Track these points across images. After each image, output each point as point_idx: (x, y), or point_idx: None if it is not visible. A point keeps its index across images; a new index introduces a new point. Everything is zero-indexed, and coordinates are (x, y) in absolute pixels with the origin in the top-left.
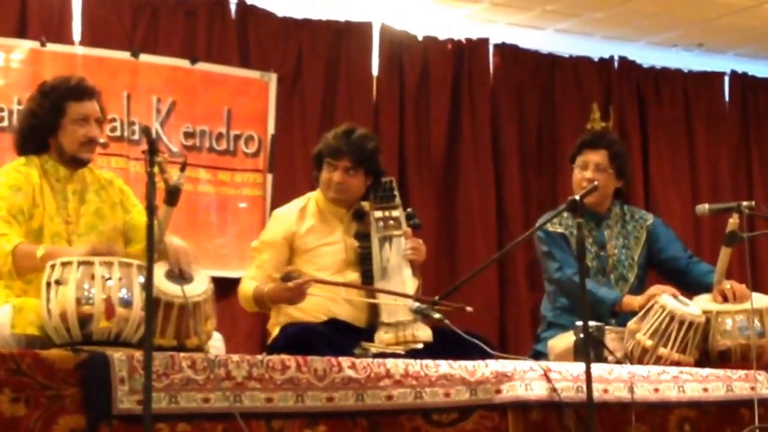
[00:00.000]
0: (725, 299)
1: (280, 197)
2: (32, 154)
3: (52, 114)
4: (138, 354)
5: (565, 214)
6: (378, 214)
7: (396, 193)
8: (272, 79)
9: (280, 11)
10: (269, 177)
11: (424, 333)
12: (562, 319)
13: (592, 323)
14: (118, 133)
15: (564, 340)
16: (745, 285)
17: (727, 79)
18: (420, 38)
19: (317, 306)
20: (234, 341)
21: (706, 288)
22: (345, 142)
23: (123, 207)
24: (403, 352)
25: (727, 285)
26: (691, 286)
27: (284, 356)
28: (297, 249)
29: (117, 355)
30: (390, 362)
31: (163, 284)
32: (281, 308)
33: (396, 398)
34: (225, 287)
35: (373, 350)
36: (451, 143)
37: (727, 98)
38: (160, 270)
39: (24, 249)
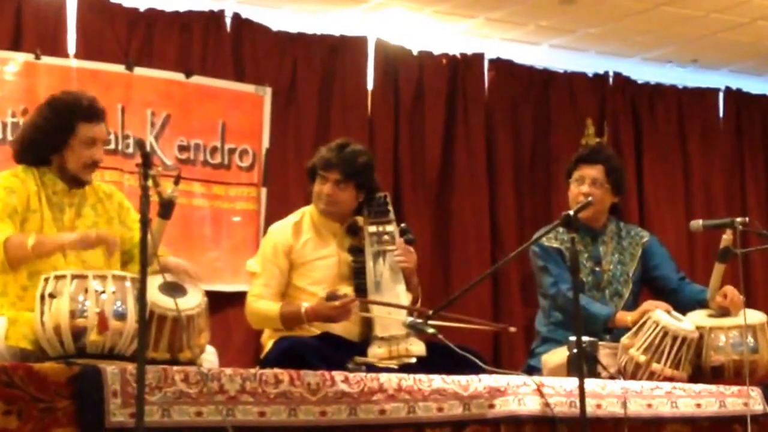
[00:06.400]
0: (723, 309)
1: (275, 211)
2: (31, 165)
3: (61, 132)
4: (131, 367)
5: (561, 229)
6: (372, 229)
7: (390, 208)
8: (267, 93)
9: (275, 25)
10: (263, 191)
11: (417, 347)
12: (556, 334)
13: (585, 338)
14: (112, 146)
15: (558, 355)
16: None
17: (721, 95)
18: (415, 53)
19: None
20: (228, 355)
21: (698, 305)
22: (336, 155)
23: (122, 222)
24: (396, 367)
25: (729, 287)
26: (681, 306)
27: (277, 370)
28: (293, 262)
29: (110, 369)
30: (383, 376)
31: (156, 297)
32: None
33: (389, 413)
34: (219, 301)
35: (367, 364)
36: (446, 158)
37: (721, 114)
38: (153, 283)
39: (15, 240)
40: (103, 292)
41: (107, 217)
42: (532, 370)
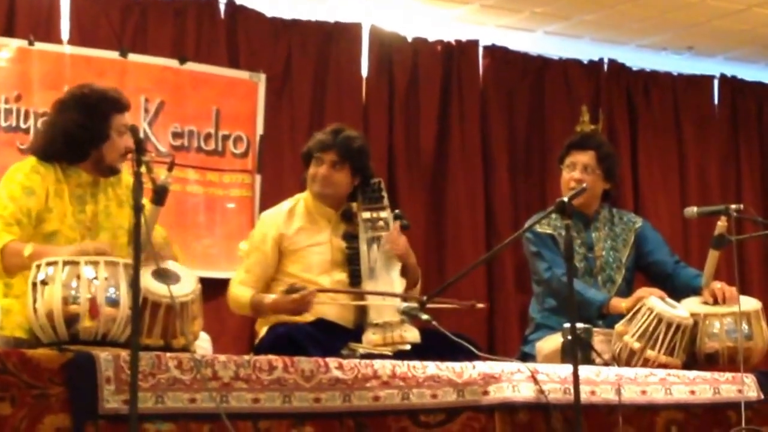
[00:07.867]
0: (715, 299)
1: (269, 198)
2: (54, 161)
3: (101, 126)
4: (124, 353)
5: (554, 216)
6: (366, 215)
7: (384, 194)
8: (261, 79)
9: (270, 11)
10: (258, 177)
11: (411, 334)
12: (550, 320)
13: (579, 325)
14: None
15: (552, 342)
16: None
17: (716, 82)
18: (409, 39)
19: None
20: (222, 342)
21: (693, 291)
22: (333, 137)
23: (130, 205)
24: (390, 353)
25: (718, 285)
26: (677, 290)
27: (271, 357)
28: (285, 250)
29: (103, 355)
30: (377, 363)
31: (150, 284)
32: None
33: (383, 399)
34: (213, 288)
35: (361, 351)
36: (440, 145)
37: (716, 101)
38: (147, 270)
39: (12, 247)
40: (96, 278)
41: (118, 201)
42: (527, 357)
